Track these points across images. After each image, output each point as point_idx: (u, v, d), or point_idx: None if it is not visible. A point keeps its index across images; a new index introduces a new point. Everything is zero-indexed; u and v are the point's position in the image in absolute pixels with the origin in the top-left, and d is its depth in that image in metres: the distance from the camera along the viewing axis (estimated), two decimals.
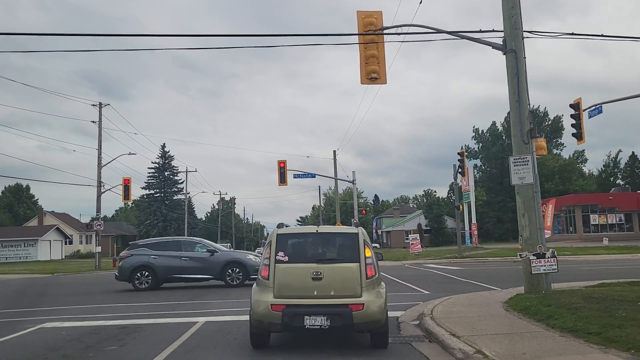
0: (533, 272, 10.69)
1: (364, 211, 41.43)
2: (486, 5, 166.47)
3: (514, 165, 11.33)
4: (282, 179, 35.49)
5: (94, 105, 38.39)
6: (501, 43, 11.84)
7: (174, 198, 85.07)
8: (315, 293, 7.26)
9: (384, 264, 33.32)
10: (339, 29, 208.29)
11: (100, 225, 37.51)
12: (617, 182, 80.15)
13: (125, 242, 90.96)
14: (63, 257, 63.74)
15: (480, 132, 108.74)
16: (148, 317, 11.18)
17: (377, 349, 7.59)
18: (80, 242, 70.55)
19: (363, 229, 8.14)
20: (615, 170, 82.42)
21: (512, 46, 11.58)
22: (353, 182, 35.96)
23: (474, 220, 39.16)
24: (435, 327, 8.46)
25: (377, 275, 7.61)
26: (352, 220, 37.39)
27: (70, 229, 68.59)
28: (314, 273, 7.28)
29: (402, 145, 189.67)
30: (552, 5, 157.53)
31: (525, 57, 11.65)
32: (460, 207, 35.83)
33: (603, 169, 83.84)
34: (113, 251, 77.76)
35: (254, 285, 7.89)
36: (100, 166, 38.03)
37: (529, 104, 11.63)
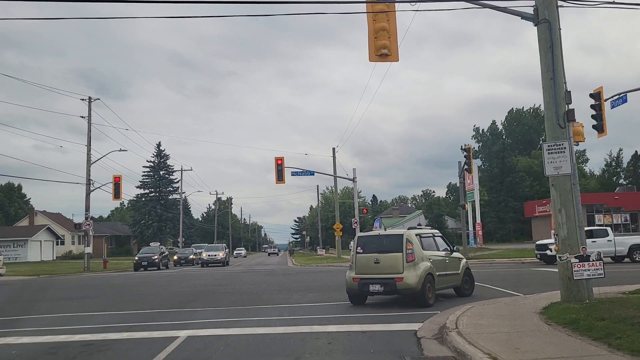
0: (575, 278, 9.09)
1: (364, 210, 39.81)
2: None
3: (548, 153, 9.74)
4: (280, 177, 33.90)
5: (83, 99, 36.74)
6: (532, 13, 10.22)
7: (170, 198, 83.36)
8: (375, 271, 11.91)
9: None
10: (333, 25, 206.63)
11: (89, 225, 35.84)
12: (620, 181, 78.69)
13: (119, 243, 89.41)
14: (54, 258, 61.92)
15: (480, 131, 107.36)
16: (121, 329, 9.56)
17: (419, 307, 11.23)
18: (73, 243, 68.75)
19: (410, 232, 12.45)
20: (618, 169, 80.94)
21: (545, 15, 9.96)
22: (354, 180, 34.36)
23: (478, 220, 37.59)
24: (467, 347, 6.87)
25: (415, 260, 11.65)
26: (353, 220, 35.84)
27: (62, 229, 66.76)
28: (374, 259, 11.98)
29: (399, 145, 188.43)
30: None
31: (560, 29, 10.04)
32: (466, 205, 34.26)
33: (605, 168, 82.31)
34: (106, 252, 76.02)
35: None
36: (89, 163, 36.36)
37: (565, 83, 10.03)
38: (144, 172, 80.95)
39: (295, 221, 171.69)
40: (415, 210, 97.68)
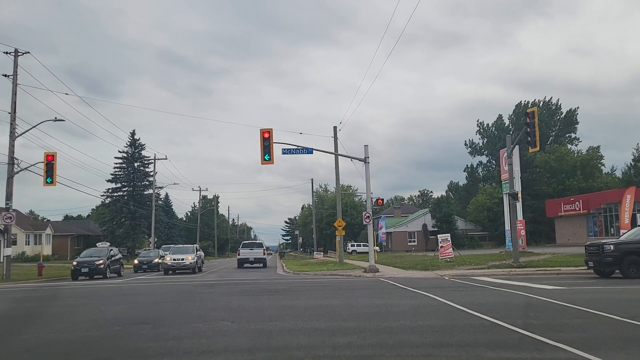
0: None
1: (380, 201, 31.18)
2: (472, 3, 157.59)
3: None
4: (267, 155, 25.11)
5: (6, 53, 27.80)
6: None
7: (145, 193, 73.84)
8: None
9: (412, 275, 22.98)
10: (324, 24, 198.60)
11: (10, 218, 26.81)
12: None
13: (88, 244, 79.56)
14: (1, 259, 52.52)
15: (485, 125, 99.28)
16: None
17: None
18: (27, 243, 59.45)
19: None
20: None
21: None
22: (365, 160, 25.58)
23: (520, 217, 29.03)
24: None
25: None
26: (365, 213, 27.11)
27: (15, 228, 57.41)
28: None
29: (391, 147, 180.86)
30: (540, 2, 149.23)
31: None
32: (519, 195, 25.66)
33: (632, 163, 74.15)
34: (71, 253, 66.73)
35: None
36: (13, 136, 27.36)
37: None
38: (116, 164, 71.77)
39: (286, 222, 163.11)
40: (419, 210, 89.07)
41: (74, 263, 27.81)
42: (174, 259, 30.11)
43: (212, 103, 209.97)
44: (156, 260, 34.91)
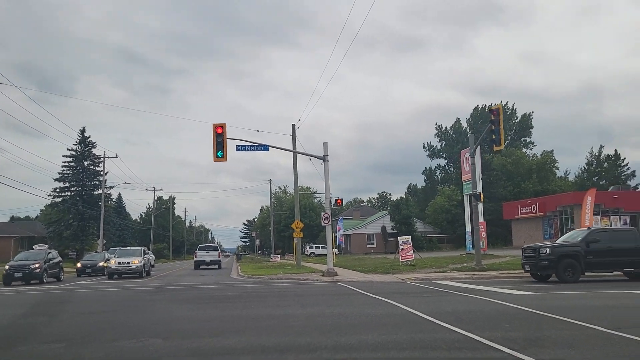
0: None
1: (339, 201, 30.00)
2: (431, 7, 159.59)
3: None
4: (220, 152, 23.52)
5: None
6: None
7: (95, 193, 70.42)
8: None
9: (372, 279, 21.85)
10: (285, 26, 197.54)
11: None
12: (601, 182, 72.05)
13: (34, 245, 75.55)
14: None
15: (443, 128, 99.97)
16: None
17: None
18: None
19: None
20: (598, 169, 74.43)
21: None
22: (324, 158, 24.34)
23: (481, 219, 28.40)
24: None
25: None
26: (323, 214, 25.81)
27: None
28: None
29: (351, 151, 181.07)
30: (495, 9, 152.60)
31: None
32: (482, 196, 24.89)
33: (586, 167, 75.73)
34: (15, 256, 62.90)
35: None
36: None
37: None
38: (65, 162, 68.21)
39: (245, 224, 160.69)
40: (378, 212, 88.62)
41: (6, 267, 25.48)
42: (119, 263, 28.04)
43: (171, 103, 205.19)
44: (101, 263, 32.67)
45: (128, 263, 28.08)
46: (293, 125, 34.12)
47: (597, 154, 74.82)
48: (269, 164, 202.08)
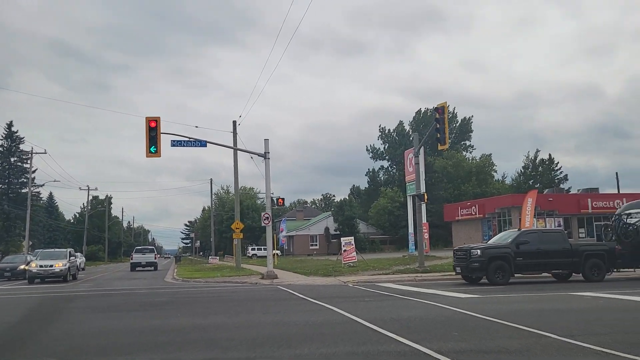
0: None
1: (280, 200, 28.93)
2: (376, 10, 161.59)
3: None
4: (153, 147, 21.95)
5: None
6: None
7: (23, 191, 66.18)
8: None
9: (313, 282, 20.92)
10: (230, 25, 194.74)
11: None
12: (536, 185, 74.43)
13: None
14: None
15: (387, 131, 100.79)
16: None
17: None
18: None
19: None
20: (534, 172, 76.82)
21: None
22: (265, 155, 23.22)
23: (424, 220, 28.08)
24: None
25: None
26: (263, 214, 24.66)
27: None
28: None
29: (295, 151, 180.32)
30: (437, 17, 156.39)
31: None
32: (425, 197, 24.48)
33: (522, 170, 78.00)
34: None
35: None
36: None
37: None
38: None
39: (186, 225, 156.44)
40: (322, 213, 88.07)
41: None
42: (41, 266, 25.80)
43: (111, 100, 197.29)
44: (22, 266, 30.14)
45: (51, 266, 25.89)
46: (234, 122, 32.85)
47: (533, 158, 77.16)
48: (213, 163, 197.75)
